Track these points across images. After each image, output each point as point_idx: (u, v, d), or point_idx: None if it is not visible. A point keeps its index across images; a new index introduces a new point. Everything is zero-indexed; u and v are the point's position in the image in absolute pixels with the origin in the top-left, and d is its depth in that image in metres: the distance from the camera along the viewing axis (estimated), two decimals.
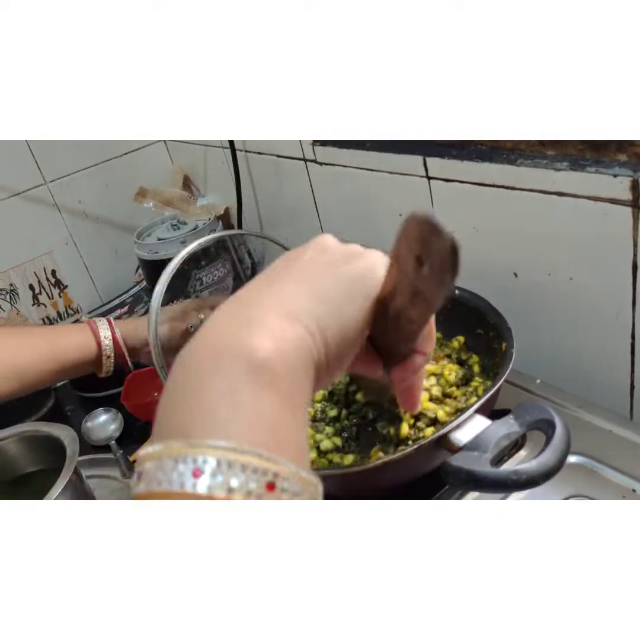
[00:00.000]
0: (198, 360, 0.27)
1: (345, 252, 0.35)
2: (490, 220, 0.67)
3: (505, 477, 0.42)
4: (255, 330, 0.27)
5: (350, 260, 0.34)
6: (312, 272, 0.32)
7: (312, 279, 0.32)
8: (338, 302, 0.31)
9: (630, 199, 0.52)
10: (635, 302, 0.57)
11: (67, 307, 1.21)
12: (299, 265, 0.33)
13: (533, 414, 0.47)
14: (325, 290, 0.31)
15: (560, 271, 0.62)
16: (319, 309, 0.30)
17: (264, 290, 0.31)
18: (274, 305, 0.29)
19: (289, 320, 0.29)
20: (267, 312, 0.29)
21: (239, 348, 0.26)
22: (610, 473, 0.55)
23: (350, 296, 0.32)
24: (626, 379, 0.62)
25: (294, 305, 0.30)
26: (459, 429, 0.48)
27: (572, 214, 0.58)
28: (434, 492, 0.56)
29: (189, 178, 1.22)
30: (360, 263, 0.34)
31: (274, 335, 0.27)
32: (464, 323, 0.67)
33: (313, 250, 0.35)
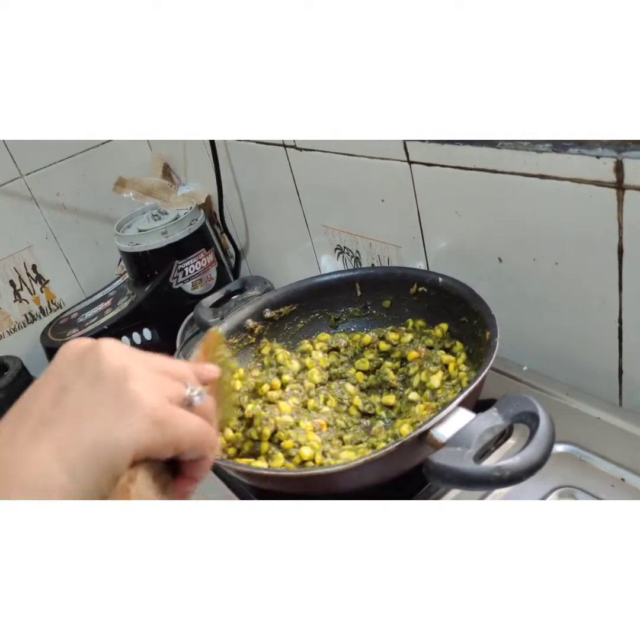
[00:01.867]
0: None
1: (117, 393, 0.32)
2: (472, 205, 0.65)
3: (488, 474, 0.41)
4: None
5: (123, 399, 0.32)
6: (74, 433, 0.31)
7: (70, 443, 0.30)
8: (93, 467, 0.30)
9: (615, 181, 0.51)
10: (621, 286, 0.55)
11: (49, 302, 1.19)
12: (67, 416, 0.31)
13: (517, 406, 0.46)
14: (80, 457, 0.30)
15: (545, 256, 0.61)
16: (70, 481, 0.30)
17: (24, 443, 0.31)
18: (30, 485, 0.29)
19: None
20: (22, 490, 0.29)
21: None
22: (599, 462, 0.54)
23: (103, 457, 0.31)
24: (614, 364, 0.60)
25: (50, 484, 0.29)
26: (441, 424, 0.47)
27: (556, 197, 0.56)
28: (418, 488, 0.55)
29: (169, 166, 1.20)
30: (127, 408, 0.32)
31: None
32: (448, 311, 0.65)
33: (87, 379, 0.32)
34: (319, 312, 0.75)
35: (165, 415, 0.32)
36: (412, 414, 0.58)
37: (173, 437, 0.32)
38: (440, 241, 0.73)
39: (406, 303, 0.70)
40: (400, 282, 0.70)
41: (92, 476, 0.30)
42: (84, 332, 1.05)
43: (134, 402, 0.31)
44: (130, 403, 0.31)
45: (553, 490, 0.52)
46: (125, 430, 0.31)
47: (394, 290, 0.71)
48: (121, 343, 0.34)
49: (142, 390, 0.32)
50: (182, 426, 0.33)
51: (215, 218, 1.14)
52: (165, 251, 1.05)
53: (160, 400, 0.32)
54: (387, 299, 0.72)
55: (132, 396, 0.31)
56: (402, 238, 0.78)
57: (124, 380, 0.32)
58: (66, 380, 0.32)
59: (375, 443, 0.55)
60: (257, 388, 0.64)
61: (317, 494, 0.52)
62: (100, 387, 0.32)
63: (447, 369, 0.62)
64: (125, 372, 0.32)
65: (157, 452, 0.32)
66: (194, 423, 0.34)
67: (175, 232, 1.06)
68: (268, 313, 0.72)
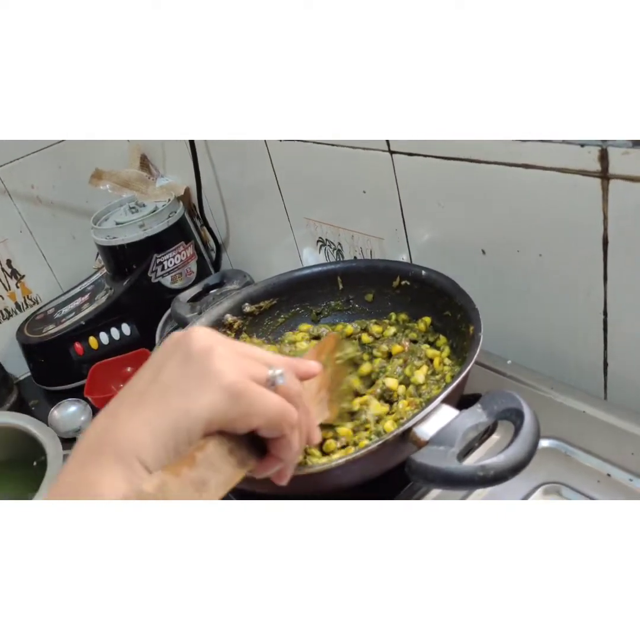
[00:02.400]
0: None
1: (203, 359, 0.36)
2: (455, 196, 0.64)
3: (472, 473, 0.40)
4: (103, 472, 0.32)
5: (205, 375, 0.35)
6: (162, 404, 0.34)
7: (158, 413, 0.34)
8: (174, 436, 0.34)
9: (599, 170, 0.49)
10: (606, 278, 0.55)
11: (25, 298, 1.16)
12: (158, 390, 0.35)
13: (501, 403, 0.45)
14: (166, 424, 0.34)
15: (529, 248, 0.60)
16: (155, 447, 0.33)
17: (125, 414, 0.35)
18: (119, 450, 0.33)
19: (129, 466, 0.32)
20: (112, 458, 0.33)
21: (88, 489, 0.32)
22: (585, 457, 0.53)
23: (183, 426, 0.34)
24: (599, 357, 0.59)
25: (137, 448, 0.33)
26: (424, 421, 0.45)
27: (540, 186, 0.55)
28: (400, 487, 0.54)
29: (147, 158, 1.17)
30: (209, 382, 0.35)
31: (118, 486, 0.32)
32: (431, 304, 0.64)
33: (178, 359, 0.36)
34: (300, 306, 0.73)
35: (242, 388, 0.34)
36: (395, 410, 0.57)
37: (248, 410, 0.35)
38: (423, 233, 0.72)
39: (389, 296, 0.69)
40: (382, 275, 0.69)
41: (174, 443, 0.33)
42: (61, 327, 1.03)
43: (215, 376, 0.34)
44: (212, 377, 0.34)
45: (538, 487, 0.51)
46: (201, 399, 0.34)
47: (377, 284, 0.70)
48: (211, 330, 0.38)
49: (224, 366, 0.35)
50: (259, 401, 0.35)
51: (194, 210, 1.12)
52: (144, 244, 1.02)
53: (240, 376, 0.35)
54: (369, 293, 0.71)
55: (214, 372, 0.35)
56: (385, 230, 0.76)
57: (209, 358, 0.35)
58: (162, 362, 0.36)
59: (358, 440, 0.54)
60: None
61: (298, 494, 0.51)
62: (188, 365, 0.35)
63: (432, 363, 0.61)
64: (211, 352, 0.35)
65: (231, 423, 0.35)
66: (273, 401, 0.36)
67: (153, 224, 1.03)
68: (248, 307, 0.71)
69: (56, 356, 1.04)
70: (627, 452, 0.52)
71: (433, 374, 0.59)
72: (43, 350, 1.05)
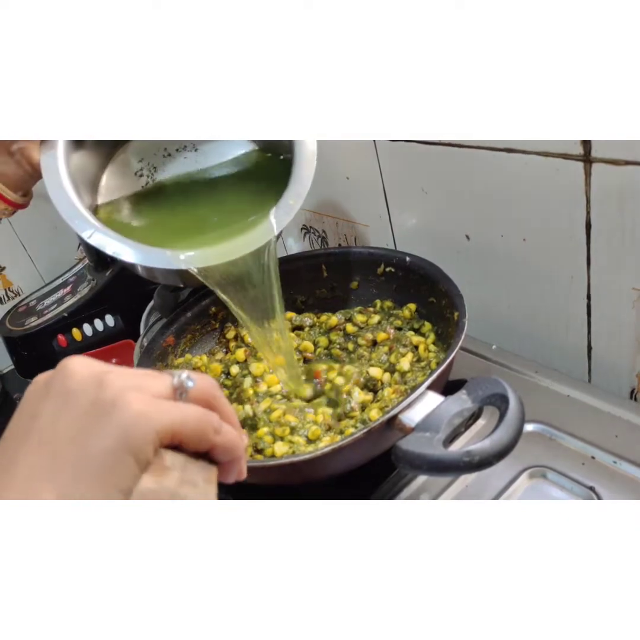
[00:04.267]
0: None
1: (93, 402, 0.29)
2: (439, 181, 0.64)
3: (458, 459, 0.40)
4: None
5: (99, 419, 0.28)
6: (54, 443, 0.28)
7: (54, 455, 0.28)
8: (89, 478, 0.28)
9: (582, 154, 0.49)
10: (589, 262, 0.55)
11: (6, 290, 1.14)
12: (39, 433, 0.29)
13: (486, 388, 0.45)
14: (68, 466, 0.28)
15: (513, 232, 0.59)
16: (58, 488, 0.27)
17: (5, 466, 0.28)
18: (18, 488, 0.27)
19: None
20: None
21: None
22: (569, 440, 0.53)
23: (95, 469, 0.28)
24: (583, 341, 0.60)
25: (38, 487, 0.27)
26: (409, 408, 0.45)
27: (523, 171, 0.55)
28: (386, 474, 0.54)
29: None
30: (111, 425, 0.28)
31: None
32: (416, 291, 0.64)
33: (55, 400, 0.29)
34: (284, 294, 0.72)
35: (147, 409, 0.29)
36: (380, 398, 0.57)
37: (162, 430, 0.29)
38: (407, 219, 0.71)
39: (374, 284, 0.69)
40: (367, 263, 0.68)
41: (89, 485, 0.27)
42: (43, 320, 1.02)
43: (113, 406, 0.28)
44: (108, 408, 0.28)
45: (524, 471, 0.52)
46: (105, 440, 0.28)
47: (361, 271, 0.69)
48: (89, 358, 0.31)
49: (119, 393, 0.29)
50: (169, 417, 0.29)
51: None
52: None
53: (142, 397, 0.29)
54: (354, 280, 0.70)
55: (108, 401, 0.28)
56: (369, 216, 0.76)
57: (97, 389, 0.29)
58: (33, 409, 0.29)
59: (344, 429, 0.54)
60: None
61: (283, 484, 0.51)
62: (71, 404, 0.29)
63: (417, 350, 0.61)
64: (98, 381, 0.29)
65: (146, 448, 0.29)
66: (185, 412, 0.30)
67: None
68: None
69: (39, 349, 1.03)
70: (611, 435, 0.52)
71: (418, 360, 0.59)
72: (26, 343, 1.03)
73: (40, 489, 0.27)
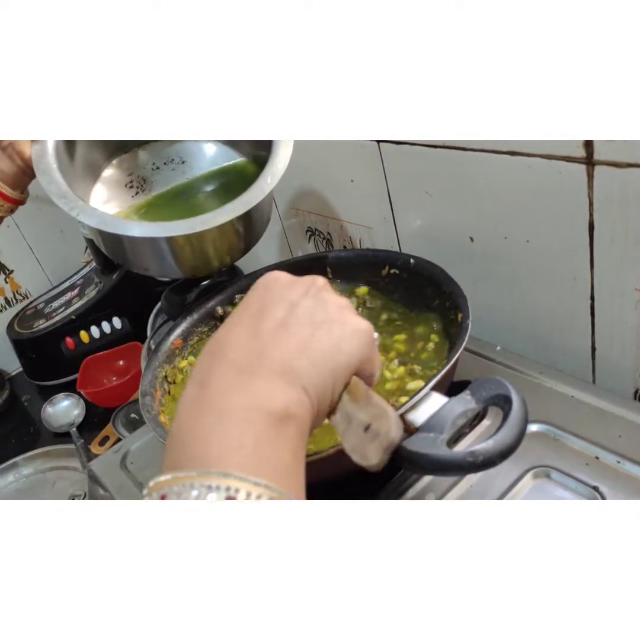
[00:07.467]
0: (220, 391, 0.33)
1: (339, 306, 0.38)
2: (443, 184, 0.64)
3: (462, 459, 0.40)
4: (271, 389, 0.33)
5: (344, 319, 0.37)
6: (311, 336, 0.36)
7: (310, 343, 0.35)
8: (330, 368, 0.35)
9: (584, 156, 0.50)
10: (592, 263, 0.55)
11: (15, 293, 1.15)
12: (298, 324, 0.36)
13: (490, 389, 0.45)
14: (321, 355, 0.35)
15: (517, 234, 0.60)
16: (313, 373, 0.35)
17: (265, 346, 0.35)
18: (278, 368, 0.34)
19: (292, 385, 0.34)
20: (273, 373, 0.34)
21: (258, 401, 0.32)
22: (573, 440, 0.54)
23: (338, 361, 0.36)
24: (587, 342, 0.60)
25: (297, 369, 0.34)
26: (414, 409, 0.46)
27: (526, 173, 0.55)
28: (391, 475, 0.54)
29: None
30: (349, 326, 0.37)
31: (285, 397, 0.33)
32: (420, 292, 0.64)
33: (309, 297, 0.38)
34: None
35: (372, 339, 0.38)
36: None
37: (374, 354, 0.39)
38: (411, 221, 0.72)
39: (378, 285, 0.69)
40: (371, 264, 0.69)
41: (332, 379, 0.35)
42: (51, 322, 1.03)
43: (356, 325, 0.37)
44: (353, 325, 0.37)
45: (528, 471, 0.52)
46: (349, 338, 0.36)
47: (366, 273, 0.70)
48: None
49: (359, 318, 0.38)
50: (375, 347, 0.39)
51: None
52: None
53: (370, 326, 0.38)
54: (360, 284, 0.71)
55: (352, 321, 0.37)
56: (373, 219, 0.76)
57: (345, 309, 0.38)
58: (293, 297, 0.37)
59: None
60: None
61: None
62: (327, 309, 0.37)
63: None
64: (344, 303, 0.39)
65: (363, 365, 0.38)
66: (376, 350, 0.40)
67: None
68: (238, 299, 0.71)
69: (47, 351, 1.04)
70: (614, 435, 0.52)
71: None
72: (34, 346, 1.05)
73: (297, 364, 0.34)
